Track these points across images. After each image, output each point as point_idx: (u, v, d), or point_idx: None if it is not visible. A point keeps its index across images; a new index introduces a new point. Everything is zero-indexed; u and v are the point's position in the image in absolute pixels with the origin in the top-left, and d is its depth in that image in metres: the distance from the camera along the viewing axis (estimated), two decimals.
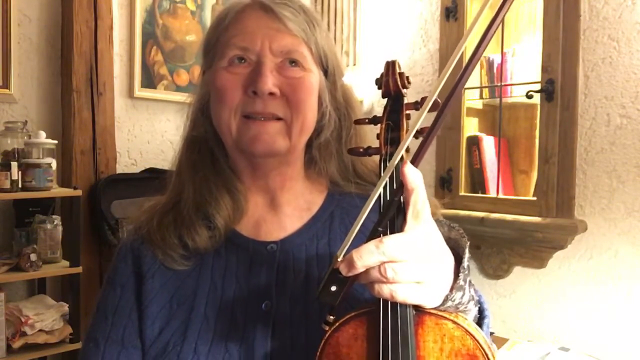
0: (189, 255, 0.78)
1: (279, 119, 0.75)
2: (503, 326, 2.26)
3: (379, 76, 0.67)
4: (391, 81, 0.66)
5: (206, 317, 0.74)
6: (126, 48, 2.48)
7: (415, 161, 0.56)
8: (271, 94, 0.74)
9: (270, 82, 0.73)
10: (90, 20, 2.27)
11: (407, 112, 0.64)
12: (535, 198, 2.14)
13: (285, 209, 0.82)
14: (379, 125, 0.65)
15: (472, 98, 2.39)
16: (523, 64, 2.26)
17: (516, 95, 2.26)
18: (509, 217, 2.13)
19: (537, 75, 2.11)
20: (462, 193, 2.33)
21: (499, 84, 2.27)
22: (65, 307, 2.06)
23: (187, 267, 0.78)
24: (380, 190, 0.57)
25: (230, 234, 0.79)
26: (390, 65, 0.66)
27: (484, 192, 2.33)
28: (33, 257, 1.94)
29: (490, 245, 2.26)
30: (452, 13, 2.37)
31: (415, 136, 0.57)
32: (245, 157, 0.79)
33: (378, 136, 0.64)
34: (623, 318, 1.97)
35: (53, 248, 2.06)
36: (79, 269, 2.06)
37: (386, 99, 0.67)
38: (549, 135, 2.07)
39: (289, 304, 0.74)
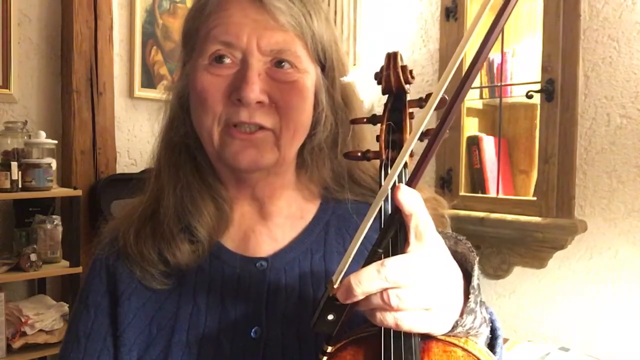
0: (170, 271, 0.69)
1: (267, 129, 0.66)
2: (503, 326, 2.25)
3: (378, 70, 0.59)
4: (392, 75, 0.57)
5: (188, 345, 0.66)
6: (126, 48, 2.48)
7: (415, 175, 0.49)
8: (259, 102, 0.65)
9: (257, 89, 0.64)
10: (90, 20, 2.27)
11: (411, 110, 0.57)
12: (535, 198, 2.14)
13: (276, 219, 0.74)
14: (378, 125, 0.57)
15: (472, 98, 2.39)
16: (523, 64, 2.26)
17: (516, 95, 2.26)
18: (509, 217, 2.13)
19: (537, 75, 2.11)
20: (462, 193, 2.33)
21: (499, 84, 2.27)
22: (65, 307, 2.06)
23: (168, 286, 0.69)
24: (380, 204, 0.50)
25: (215, 248, 0.71)
26: (392, 58, 0.58)
27: (484, 192, 2.32)
28: (33, 257, 1.94)
29: (490, 245, 2.26)
30: (452, 13, 2.37)
31: (420, 139, 0.50)
32: (229, 168, 0.70)
33: (378, 138, 0.57)
34: (623, 318, 1.97)
35: (53, 248, 2.06)
36: (79, 269, 2.06)
37: (387, 96, 0.59)
38: (549, 135, 2.07)
39: (280, 329, 0.67)
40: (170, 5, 2.60)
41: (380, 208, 0.51)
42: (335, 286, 0.49)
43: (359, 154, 0.59)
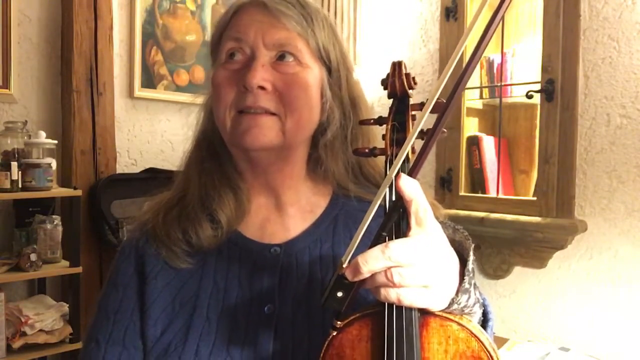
0: (193, 252, 0.78)
1: (272, 114, 0.74)
2: (503, 326, 2.26)
3: (384, 76, 0.67)
4: (397, 82, 0.65)
5: (208, 320, 0.74)
6: (126, 48, 2.48)
7: (415, 167, 0.55)
8: (262, 88, 0.73)
9: (259, 75, 0.72)
10: (90, 20, 2.27)
11: (413, 112, 0.64)
12: (535, 198, 2.14)
13: (289, 210, 0.81)
14: (384, 126, 0.64)
15: (472, 98, 2.39)
16: (523, 64, 2.26)
17: (516, 95, 2.26)
18: (509, 217, 2.13)
19: (537, 75, 2.11)
20: (462, 193, 2.33)
21: (499, 84, 2.27)
22: (65, 307, 2.06)
23: (191, 266, 0.77)
24: (385, 192, 0.57)
25: (233, 235, 0.79)
26: (397, 66, 0.66)
27: (484, 192, 2.32)
28: (33, 257, 1.94)
29: (490, 245, 2.26)
30: (452, 13, 2.37)
31: (420, 137, 0.56)
32: (242, 153, 0.78)
33: (383, 137, 0.64)
34: (623, 318, 1.97)
35: (53, 248, 2.06)
36: (79, 269, 2.06)
37: (392, 100, 0.66)
38: (549, 135, 2.07)
39: (291, 307, 0.74)
40: (170, 5, 2.60)
41: (385, 195, 0.57)
42: (344, 266, 0.55)
43: (367, 150, 0.66)
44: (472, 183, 2.39)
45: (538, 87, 2.08)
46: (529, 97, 2.09)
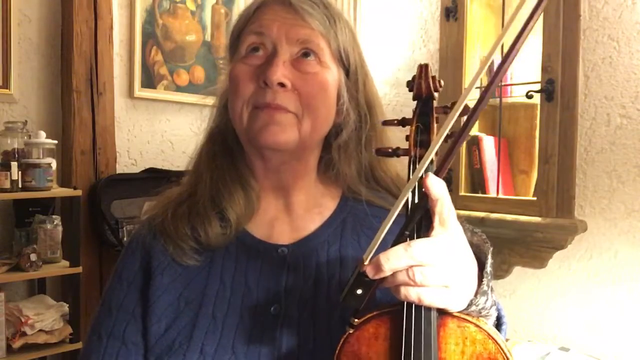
0: (200, 249, 0.77)
1: (289, 111, 0.74)
2: None
3: (410, 79, 0.68)
4: (424, 84, 0.66)
5: (214, 318, 0.74)
6: (126, 48, 2.49)
7: (441, 168, 0.56)
8: (282, 85, 0.72)
9: (280, 72, 0.72)
10: (90, 20, 2.27)
11: (436, 115, 0.65)
12: (535, 198, 2.14)
13: (298, 211, 0.81)
14: (407, 127, 0.65)
15: (472, 98, 2.38)
16: (523, 64, 2.26)
17: (516, 95, 2.26)
18: (509, 217, 2.13)
19: (537, 75, 2.11)
20: (462, 193, 2.33)
21: (499, 84, 2.27)
22: (65, 307, 2.06)
23: (198, 263, 0.77)
24: (408, 194, 0.57)
25: (241, 234, 0.79)
26: (423, 68, 0.67)
27: (484, 192, 2.32)
28: (33, 257, 1.94)
29: (490, 246, 2.26)
30: (452, 13, 2.37)
31: (445, 140, 0.57)
32: (256, 149, 0.77)
33: (407, 138, 0.64)
34: (623, 318, 1.97)
35: (53, 248, 2.06)
36: (79, 269, 2.07)
37: (416, 102, 0.67)
38: (549, 135, 2.07)
39: (297, 308, 0.74)
40: (170, 5, 2.60)
41: (408, 197, 0.57)
42: (365, 263, 0.55)
43: (390, 150, 0.67)
44: (472, 183, 2.38)
45: (538, 87, 2.08)
46: (529, 97, 2.09)
